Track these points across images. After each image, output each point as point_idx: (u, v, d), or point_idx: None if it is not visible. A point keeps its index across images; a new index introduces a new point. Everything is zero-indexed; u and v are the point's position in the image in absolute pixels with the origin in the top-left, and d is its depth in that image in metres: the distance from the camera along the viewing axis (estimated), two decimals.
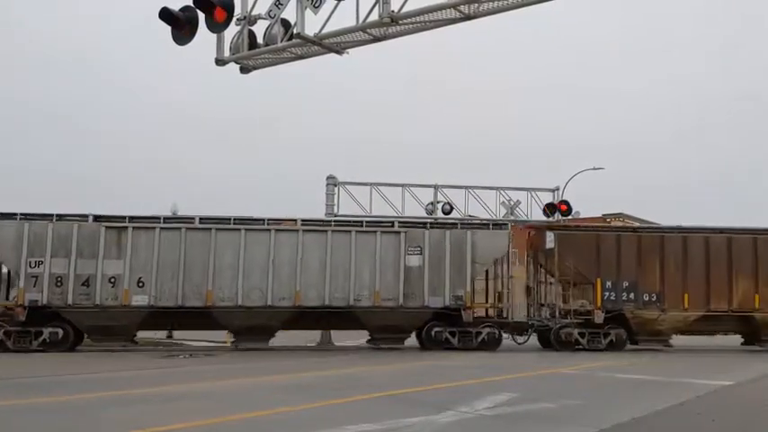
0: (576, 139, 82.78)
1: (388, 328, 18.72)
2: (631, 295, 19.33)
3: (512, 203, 24.81)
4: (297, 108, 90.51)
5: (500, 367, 13.97)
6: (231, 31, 9.63)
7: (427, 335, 18.75)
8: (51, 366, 14.14)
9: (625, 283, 19.35)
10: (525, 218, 24.83)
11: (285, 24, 9.44)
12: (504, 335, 19.47)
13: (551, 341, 19.55)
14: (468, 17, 8.61)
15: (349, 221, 19.47)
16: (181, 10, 9.29)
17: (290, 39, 9.31)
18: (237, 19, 9.51)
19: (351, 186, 23.87)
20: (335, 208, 23.59)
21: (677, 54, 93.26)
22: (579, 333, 19.20)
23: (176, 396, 9.20)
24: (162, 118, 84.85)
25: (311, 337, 21.37)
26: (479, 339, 18.71)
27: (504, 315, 19.68)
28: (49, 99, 76.35)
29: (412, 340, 19.45)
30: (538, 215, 25.08)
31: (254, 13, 9.60)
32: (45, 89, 77.28)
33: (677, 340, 20.40)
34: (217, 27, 9.35)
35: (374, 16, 8.69)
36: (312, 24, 9.15)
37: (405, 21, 8.72)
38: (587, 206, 47.62)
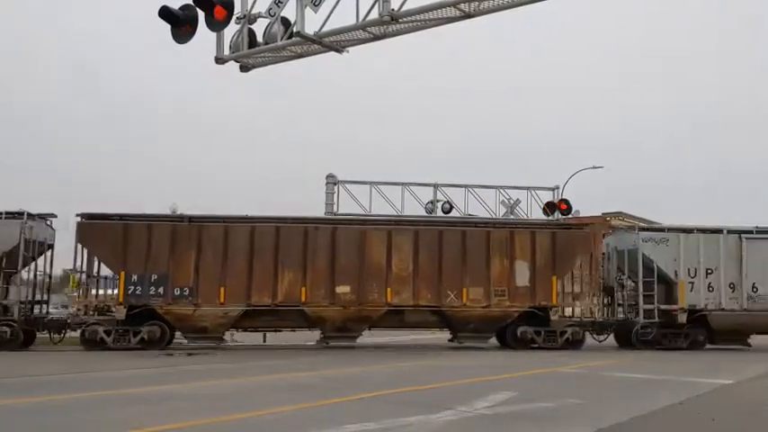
0: (576, 139, 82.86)
1: None
2: (160, 289, 17.89)
3: (511, 202, 24.82)
4: (296, 108, 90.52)
5: (498, 367, 13.98)
6: (231, 29, 9.64)
7: None
8: (46, 365, 14.12)
9: (154, 276, 17.93)
10: (525, 216, 24.83)
11: (285, 23, 9.45)
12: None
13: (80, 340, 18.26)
14: (468, 15, 8.61)
15: None
16: (180, 8, 9.29)
17: (289, 37, 9.31)
18: (237, 17, 9.52)
19: (350, 185, 23.84)
20: (335, 207, 23.54)
21: (676, 54, 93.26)
22: (105, 331, 17.77)
23: (174, 395, 9.18)
24: (161, 118, 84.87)
25: (312, 337, 21.34)
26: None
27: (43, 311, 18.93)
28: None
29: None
30: (538, 214, 25.10)
31: (253, 11, 9.62)
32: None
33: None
34: (216, 26, 9.37)
35: (374, 14, 8.69)
36: (312, 23, 9.17)
37: (405, 19, 8.72)
38: (587, 205, 47.73)
